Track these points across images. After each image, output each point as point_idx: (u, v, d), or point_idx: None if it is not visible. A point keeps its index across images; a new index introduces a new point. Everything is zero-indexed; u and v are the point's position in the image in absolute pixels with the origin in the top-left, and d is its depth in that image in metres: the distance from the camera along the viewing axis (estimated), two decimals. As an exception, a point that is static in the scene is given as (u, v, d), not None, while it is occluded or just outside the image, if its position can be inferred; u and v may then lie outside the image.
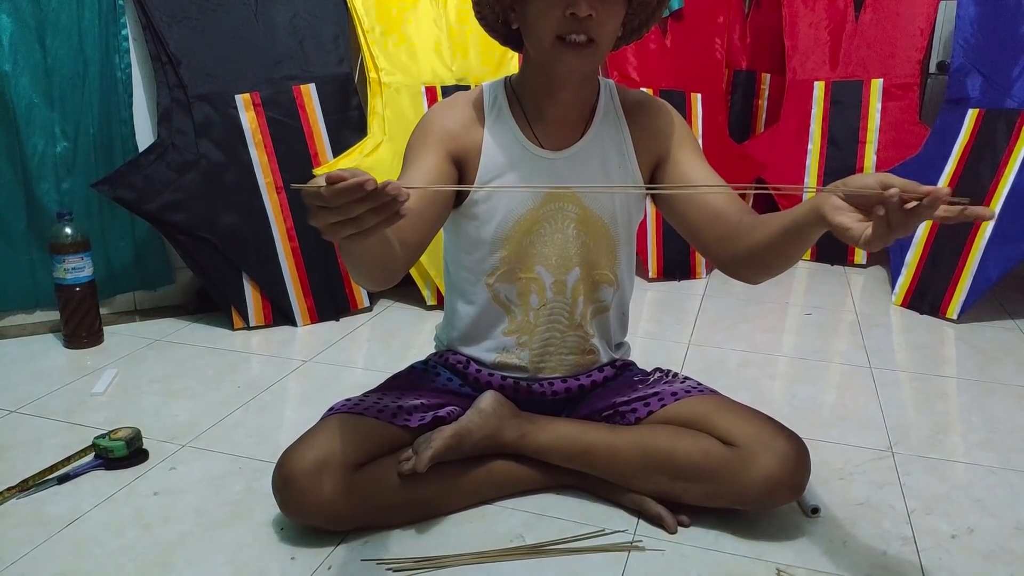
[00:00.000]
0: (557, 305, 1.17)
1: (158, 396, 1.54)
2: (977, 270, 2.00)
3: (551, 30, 0.99)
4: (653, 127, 1.15)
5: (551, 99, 1.10)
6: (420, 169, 1.06)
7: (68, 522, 1.11)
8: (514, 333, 1.18)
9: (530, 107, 1.12)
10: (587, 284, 1.17)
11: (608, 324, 1.23)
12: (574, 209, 1.13)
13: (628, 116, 1.15)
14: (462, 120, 1.11)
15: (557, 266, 1.15)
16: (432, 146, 1.08)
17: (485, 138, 1.11)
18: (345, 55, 2.01)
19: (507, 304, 1.17)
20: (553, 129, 1.12)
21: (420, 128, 1.11)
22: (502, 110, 1.12)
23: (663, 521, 1.10)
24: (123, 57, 1.87)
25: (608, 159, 1.13)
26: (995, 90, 2.16)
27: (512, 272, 1.15)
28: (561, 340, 1.19)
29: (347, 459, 1.04)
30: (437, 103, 1.16)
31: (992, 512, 1.16)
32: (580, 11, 0.96)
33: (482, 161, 1.10)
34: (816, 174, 2.56)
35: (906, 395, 1.59)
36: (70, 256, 1.73)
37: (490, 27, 1.11)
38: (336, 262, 1.99)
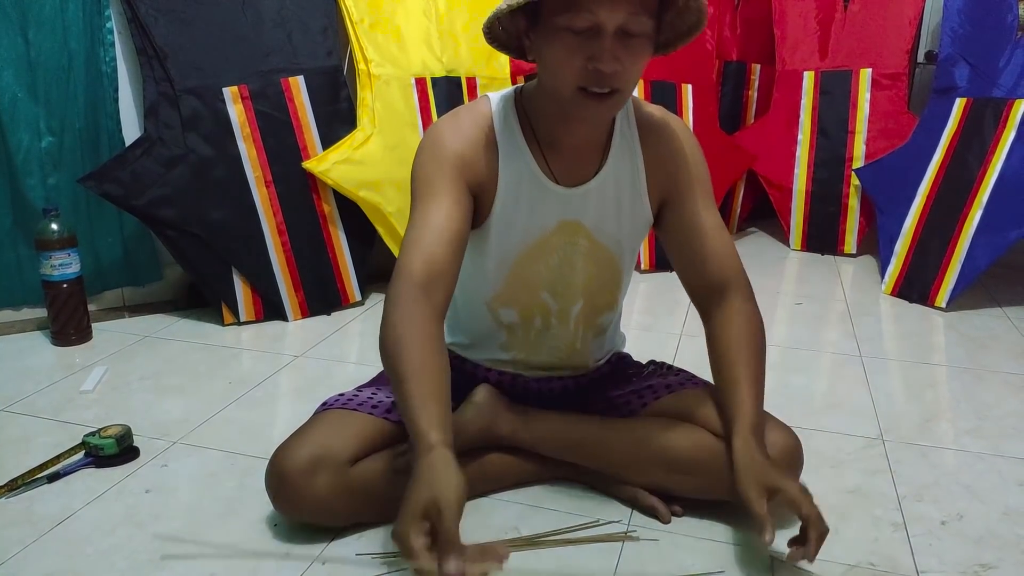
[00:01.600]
0: (558, 331, 1.15)
1: (148, 393, 1.53)
2: (965, 259, 2.01)
3: (572, 80, 0.92)
4: (665, 160, 1.08)
5: (567, 131, 1.03)
6: (443, 210, 0.98)
7: (59, 521, 1.10)
8: (512, 349, 1.17)
9: (544, 136, 1.04)
10: (588, 313, 1.15)
11: (603, 341, 1.22)
12: (584, 243, 1.09)
13: (643, 141, 1.08)
14: (476, 148, 1.02)
15: (562, 295, 1.12)
16: (452, 179, 1.00)
17: (501, 172, 1.03)
18: (334, 47, 1.99)
19: (508, 325, 1.15)
20: (568, 162, 1.05)
21: (432, 155, 1.02)
22: (516, 140, 1.04)
23: (656, 512, 1.10)
24: (108, 50, 1.85)
25: (622, 191, 1.08)
26: (982, 79, 2.17)
27: (515, 298, 1.12)
28: (557, 359, 1.18)
29: (341, 456, 1.03)
30: (442, 123, 1.05)
31: (981, 498, 1.17)
32: (605, 67, 0.89)
33: (498, 195, 1.04)
34: (806, 164, 2.57)
35: (896, 383, 1.60)
36: (57, 252, 1.71)
37: (502, 47, 1.03)
38: (327, 256, 1.98)
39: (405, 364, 0.89)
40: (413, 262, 0.95)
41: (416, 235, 0.97)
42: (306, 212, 1.96)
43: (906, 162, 2.29)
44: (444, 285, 0.96)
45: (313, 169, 1.91)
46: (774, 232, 2.77)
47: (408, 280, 0.94)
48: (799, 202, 2.58)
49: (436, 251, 0.96)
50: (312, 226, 1.97)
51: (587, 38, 0.89)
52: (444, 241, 0.96)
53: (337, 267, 2.00)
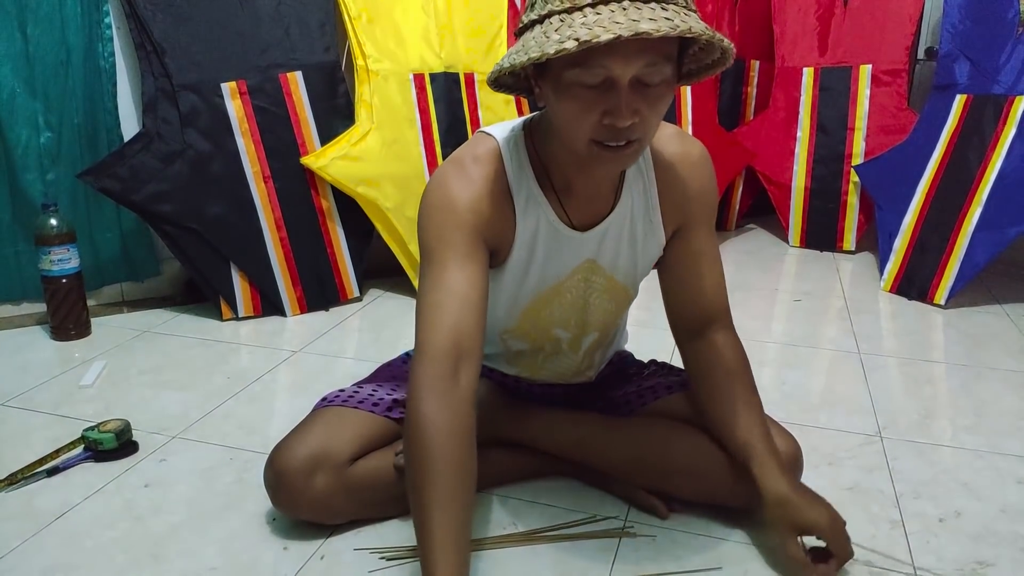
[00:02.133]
0: (568, 358, 1.15)
1: (147, 388, 1.53)
2: (965, 256, 2.01)
3: (586, 135, 0.84)
4: (680, 192, 1.04)
5: (583, 177, 0.97)
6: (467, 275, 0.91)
7: (58, 515, 1.11)
8: (517, 367, 1.17)
9: (558, 181, 0.98)
10: (601, 341, 1.15)
11: (608, 351, 1.22)
12: (600, 280, 1.07)
13: (658, 172, 1.03)
14: (491, 202, 0.95)
15: (576, 327, 1.10)
16: (469, 238, 0.92)
17: (519, 227, 0.97)
18: (332, 42, 1.99)
19: (519, 352, 1.15)
20: (583, 205, 1.00)
21: (445, 212, 0.93)
22: (531, 189, 0.97)
23: (654, 508, 1.10)
24: (106, 45, 1.84)
25: (636, 225, 1.04)
26: (983, 76, 2.16)
27: (527, 334, 1.11)
28: (563, 378, 1.18)
29: (340, 455, 1.03)
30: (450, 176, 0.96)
31: (979, 495, 1.18)
32: (621, 122, 0.81)
33: (515, 247, 0.99)
34: (805, 161, 2.56)
35: (895, 380, 1.61)
36: (56, 247, 1.71)
37: (511, 91, 0.95)
38: (325, 252, 1.98)
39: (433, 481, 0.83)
40: (439, 339, 0.88)
41: (438, 305, 0.90)
42: (304, 208, 1.95)
43: (906, 159, 2.29)
44: (474, 362, 0.89)
45: (311, 165, 1.91)
46: (773, 229, 2.76)
47: (435, 362, 0.87)
48: (798, 199, 2.58)
49: (463, 325, 0.88)
50: (310, 222, 1.97)
51: (601, 92, 0.81)
52: (469, 311, 0.89)
53: (335, 263, 2.00)
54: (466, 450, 0.86)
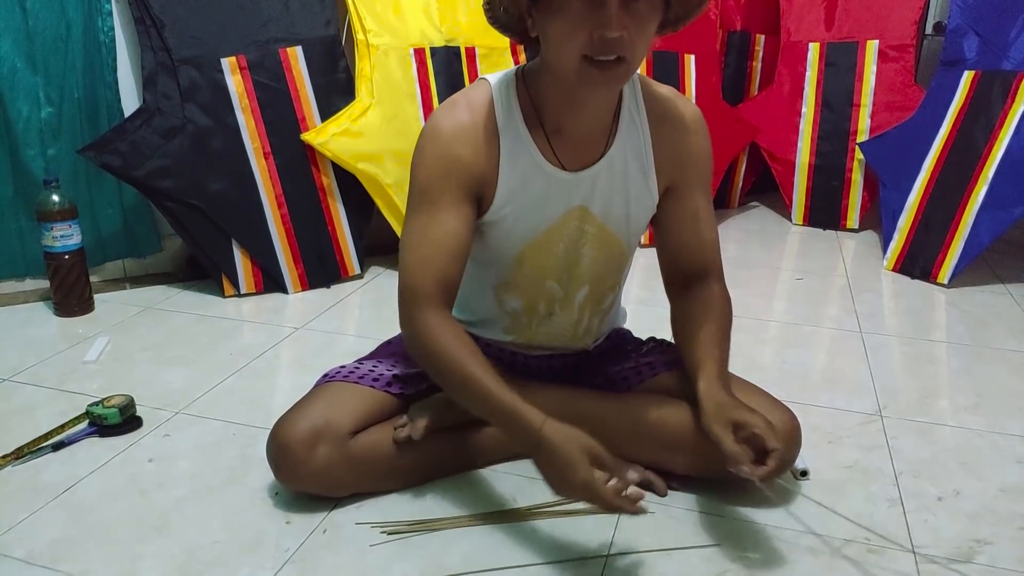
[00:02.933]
0: (561, 318, 1.15)
1: (150, 364, 1.54)
2: (969, 235, 2.00)
3: (577, 49, 0.88)
4: (675, 147, 1.07)
5: (573, 115, 1.00)
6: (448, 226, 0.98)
7: (64, 489, 1.12)
8: (513, 333, 1.17)
9: (549, 122, 1.01)
10: (593, 299, 1.15)
11: (605, 320, 1.22)
12: (591, 229, 1.07)
13: (652, 125, 1.05)
14: (477, 144, 0.99)
15: (568, 282, 1.11)
16: (454, 187, 0.98)
17: (503, 165, 1.00)
18: (332, 16, 1.97)
19: (513, 312, 1.15)
20: (574, 146, 1.02)
21: (432, 157, 0.99)
22: (519, 129, 1.01)
23: (653, 485, 1.11)
24: (106, 20, 1.83)
25: (629, 173, 1.05)
26: (991, 52, 2.14)
27: (521, 288, 1.12)
28: (559, 343, 1.18)
29: (342, 428, 1.04)
30: (441, 117, 1.00)
31: (978, 475, 1.18)
32: (611, 32, 0.86)
33: (500, 188, 1.01)
34: (810, 138, 2.54)
35: (896, 359, 1.61)
36: (58, 223, 1.71)
37: (503, 28, 0.99)
38: (326, 228, 1.98)
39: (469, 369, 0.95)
40: (426, 284, 0.98)
41: (423, 253, 0.98)
42: (305, 184, 1.95)
43: (911, 136, 2.27)
44: (454, 295, 1.01)
45: (312, 141, 1.90)
46: (776, 206, 2.75)
47: (428, 303, 0.98)
48: (802, 176, 2.56)
49: (447, 270, 0.98)
50: (311, 198, 1.96)
51: (591, 8, 0.86)
52: (452, 258, 0.98)
53: (336, 240, 2.00)
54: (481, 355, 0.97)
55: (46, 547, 0.99)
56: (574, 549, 1.00)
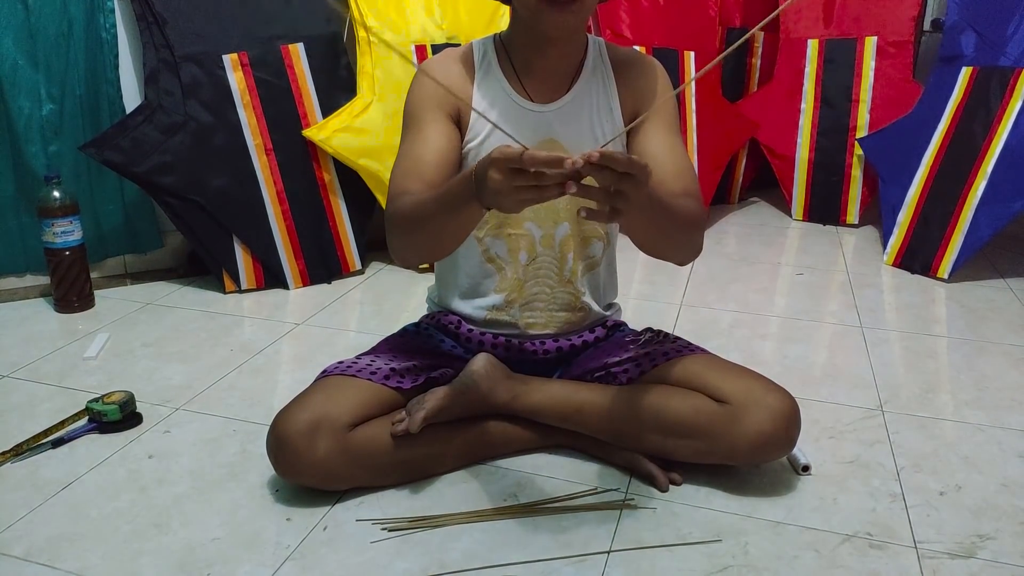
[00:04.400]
0: (546, 259, 1.17)
1: (150, 360, 1.53)
2: (969, 229, 2.00)
3: None
4: (638, 85, 1.14)
5: (539, 54, 1.10)
6: (428, 142, 1.07)
7: (63, 485, 1.12)
8: (504, 291, 1.18)
9: (519, 62, 1.12)
10: (577, 240, 1.17)
11: (598, 280, 1.23)
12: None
13: (616, 73, 1.15)
14: (453, 77, 1.11)
15: (545, 219, 1.15)
16: (433, 111, 1.08)
17: (475, 93, 1.11)
18: (333, 13, 1.96)
19: (497, 260, 1.17)
20: (541, 83, 1.12)
21: (416, 92, 1.11)
22: (491, 65, 1.12)
23: (655, 479, 1.11)
24: (108, 16, 1.82)
25: (596, 113, 1.13)
26: (989, 48, 2.13)
27: (501, 227, 1.15)
28: (551, 296, 1.19)
29: (340, 420, 1.04)
30: (427, 61, 1.16)
31: (980, 469, 1.18)
32: None
33: (473, 115, 1.10)
34: (809, 134, 2.54)
35: (896, 354, 1.61)
36: (59, 219, 1.71)
37: None
38: (327, 224, 1.98)
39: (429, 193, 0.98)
40: (412, 185, 1.03)
41: (406, 164, 1.06)
42: (306, 180, 1.95)
43: (910, 132, 2.27)
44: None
45: (313, 137, 1.90)
46: (776, 202, 2.75)
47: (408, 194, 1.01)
48: (801, 172, 2.56)
49: (433, 176, 1.03)
50: (312, 194, 1.96)
51: None
52: (436, 167, 1.05)
53: (337, 235, 1.99)
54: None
55: (45, 544, 0.99)
56: (576, 545, 1.00)
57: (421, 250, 1.05)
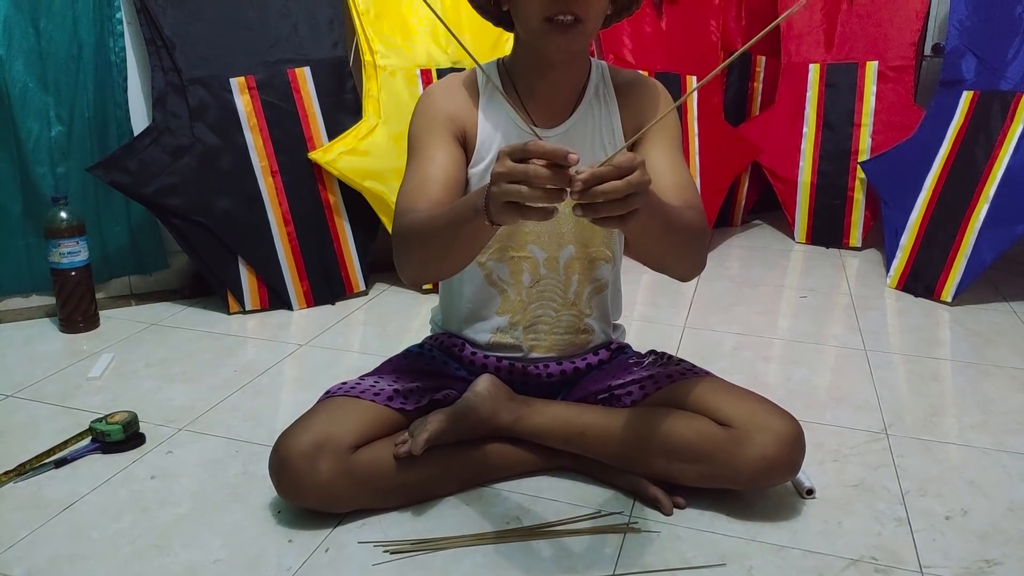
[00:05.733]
0: (550, 282, 1.17)
1: (154, 380, 1.54)
2: (972, 252, 2.00)
3: (538, 11, 0.99)
4: (640, 106, 1.15)
5: (542, 78, 1.10)
6: (434, 161, 1.07)
7: (65, 506, 1.12)
8: (507, 313, 1.18)
9: (522, 86, 1.13)
10: (583, 262, 1.17)
11: (605, 302, 1.23)
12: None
13: (619, 95, 1.15)
14: (458, 101, 1.12)
15: (549, 242, 1.15)
16: (438, 133, 1.09)
17: (479, 118, 1.12)
18: (340, 38, 1.99)
19: (500, 283, 1.17)
20: (544, 107, 1.12)
21: (422, 115, 1.12)
22: (494, 94, 1.13)
23: (659, 503, 1.10)
24: (117, 40, 1.85)
25: (598, 137, 1.14)
26: (990, 72, 2.15)
27: (504, 250, 1.15)
28: (555, 318, 1.19)
29: (343, 441, 1.04)
30: (432, 85, 1.16)
31: (986, 493, 1.17)
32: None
33: (478, 140, 1.11)
34: (811, 157, 2.56)
35: (901, 377, 1.60)
36: (65, 240, 1.72)
37: (482, 9, 1.12)
38: (332, 245, 1.99)
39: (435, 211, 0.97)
40: (416, 201, 1.02)
41: (413, 184, 1.05)
42: (311, 202, 1.96)
43: (912, 155, 2.28)
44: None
45: (319, 159, 1.92)
46: (779, 225, 2.76)
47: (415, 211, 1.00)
48: (804, 195, 2.57)
49: (439, 196, 1.03)
50: (317, 216, 1.97)
51: None
52: (442, 184, 1.04)
53: (342, 257, 2.00)
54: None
55: (46, 564, 0.99)
56: (579, 569, 0.99)
57: (427, 267, 1.03)
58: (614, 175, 0.76)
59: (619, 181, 0.76)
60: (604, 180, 0.76)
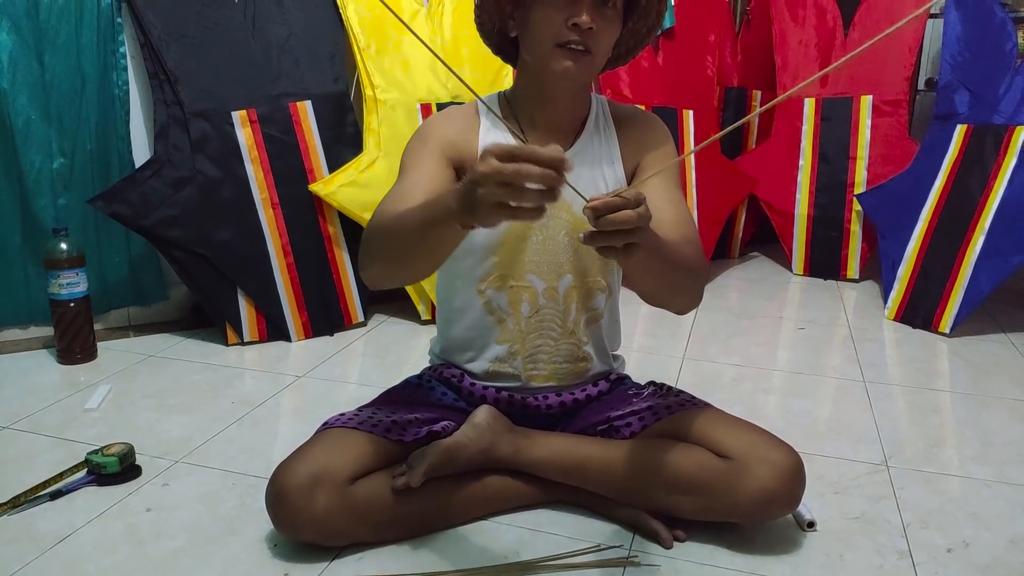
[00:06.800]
0: (549, 312, 1.17)
1: (151, 412, 1.53)
2: (968, 284, 2.01)
3: (552, 37, 1.02)
4: (640, 139, 1.17)
5: (544, 108, 1.12)
6: (424, 173, 1.07)
7: (60, 538, 1.10)
8: (506, 342, 1.18)
9: (523, 116, 1.14)
10: (580, 292, 1.18)
11: (601, 332, 1.23)
12: (566, 216, 1.14)
13: (619, 128, 1.17)
14: (458, 128, 1.13)
15: (549, 272, 1.16)
16: (431, 151, 1.10)
17: (480, 147, 1.12)
18: (341, 73, 2.02)
19: (499, 312, 1.17)
20: (545, 137, 1.13)
21: (418, 136, 1.13)
22: (496, 120, 1.14)
23: (658, 536, 1.09)
24: (121, 74, 1.88)
25: (599, 168, 1.15)
26: (982, 106, 2.18)
27: (503, 279, 1.15)
28: (554, 348, 1.19)
29: (341, 474, 1.03)
30: (433, 114, 1.18)
31: (987, 525, 1.17)
32: (582, 22, 1.00)
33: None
34: (807, 190, 2.58)
35: (900, 409, 1.60)
36: (65, 271, 1.72)
37: (486, 35, 1.14)
38: (331, 277, 1.99)
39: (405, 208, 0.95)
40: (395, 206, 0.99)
41: (396, 191, 1.04)
42: (311, 233, 1.97)
43: (908, 188, 2.30)
44: None
45: (319, 192, 1.93)
46: (776, 256, 2.77)
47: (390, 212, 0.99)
48: (801, 227, 2.59)
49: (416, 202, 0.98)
50: (317, 247, 1.98)
51: (568, 1, 1.01)
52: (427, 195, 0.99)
53: (341, 288, 2.01)
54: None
55: (41, 598, 0.98)
56: (578, 601, 0.98)
57: (390, 266, 0.98)
58: (626, 205, 0.78)
59: (631, 211, 0.78)
60: (616, 209, 0.78)
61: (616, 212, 0.78)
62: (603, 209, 0.78)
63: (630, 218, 0.78)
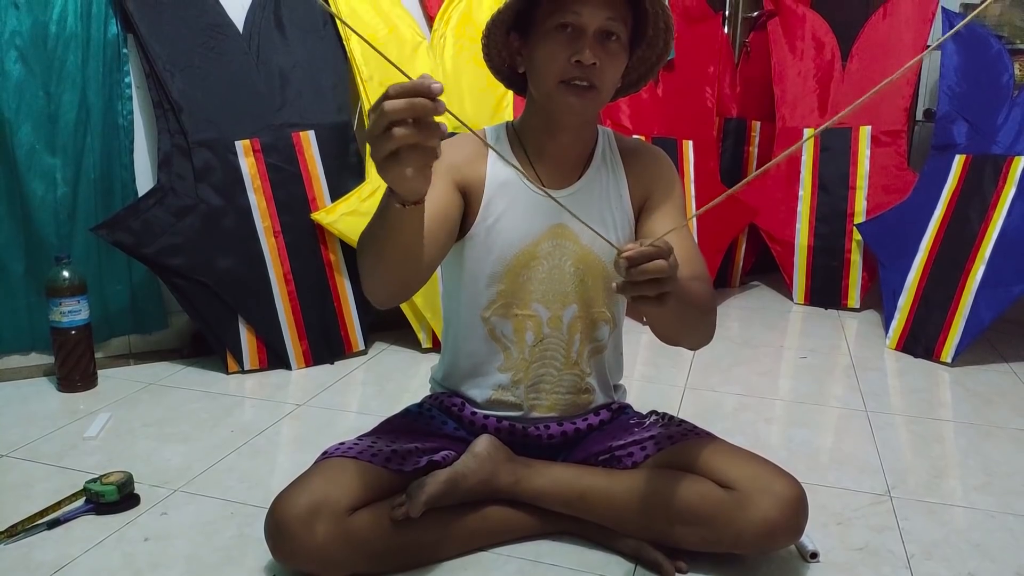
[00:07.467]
0: (553, 341, 1.17)
1: (151, 440, 1.52)
2: (970, 313, 2.01)
3: (556, 74, 1.03)
4: (646, 172, 1.18)
5: (552, 140, 1.13)
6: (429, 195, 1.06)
7: (57, 568, 1.09)
8: (509, 370, 1.18)
9: (531, 147, 1.15)
10: (585, 322, 1.18)
11: (604, 363, 1.23)
12: (572, 247, 1.14)
13: (625, 161, 1.18)
14: (466, 154, 1.13)
15: (553, 301, 1.15)
16: (438, 174, 1.07)
17: (488, 174, 1.13)
18: (344, 103, 2.04)
19: (502, 340, 1.17)
20: (552, 168, 1.14)
21: None
22: (504, 149, 1.15)
23: (660, 567, 1.08)
24: (125, 103, 1.90)
25: (605, 200, 1.16)
26: (981, 137, 2.20)
27: (508, 307, 1.15)
28: (557, 378, 1.19)
29: (340, 504, 1.03)
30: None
31: (992, 557, 1.15)
32: (585, 59, 1.01)
33: (485, 195, 1.12)
34: (807, 219, 2.59)
35: (903, 439, 1.59)
36: (67, 299, 1.73)
37: (496, 70, 1.16)
38: (332, 305, 2.00)
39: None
40: None
41: None
42: (313, 262, 1.98)
43: (907, 217, 2.31)
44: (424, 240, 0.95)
45: (321, 220, 1.94)
46: (777, 286, 2.78)
47: None
48: (801, 257, 2.59)
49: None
50: (318, 275, 1.99)
51: (571, 38, 1.02)
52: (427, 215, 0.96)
53: (342, 316, 2.01)
54: None
55: (36, 629, 0.97)
56: (579, 634, 0.97)
57: (374, 273, 0.96)
58: (659, 255, 0.79)
59: (663, 261, 0.79)
60: (650, 259, 0.79)
61: (650, 261, 0.79)
62: (638, 259, 0.78)
63: (663, 268, 0.79)
